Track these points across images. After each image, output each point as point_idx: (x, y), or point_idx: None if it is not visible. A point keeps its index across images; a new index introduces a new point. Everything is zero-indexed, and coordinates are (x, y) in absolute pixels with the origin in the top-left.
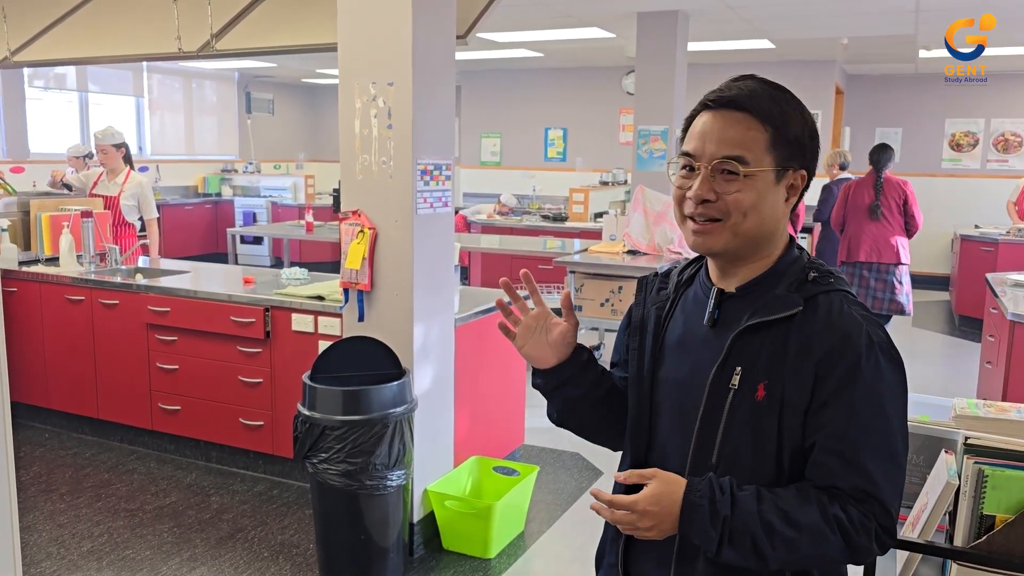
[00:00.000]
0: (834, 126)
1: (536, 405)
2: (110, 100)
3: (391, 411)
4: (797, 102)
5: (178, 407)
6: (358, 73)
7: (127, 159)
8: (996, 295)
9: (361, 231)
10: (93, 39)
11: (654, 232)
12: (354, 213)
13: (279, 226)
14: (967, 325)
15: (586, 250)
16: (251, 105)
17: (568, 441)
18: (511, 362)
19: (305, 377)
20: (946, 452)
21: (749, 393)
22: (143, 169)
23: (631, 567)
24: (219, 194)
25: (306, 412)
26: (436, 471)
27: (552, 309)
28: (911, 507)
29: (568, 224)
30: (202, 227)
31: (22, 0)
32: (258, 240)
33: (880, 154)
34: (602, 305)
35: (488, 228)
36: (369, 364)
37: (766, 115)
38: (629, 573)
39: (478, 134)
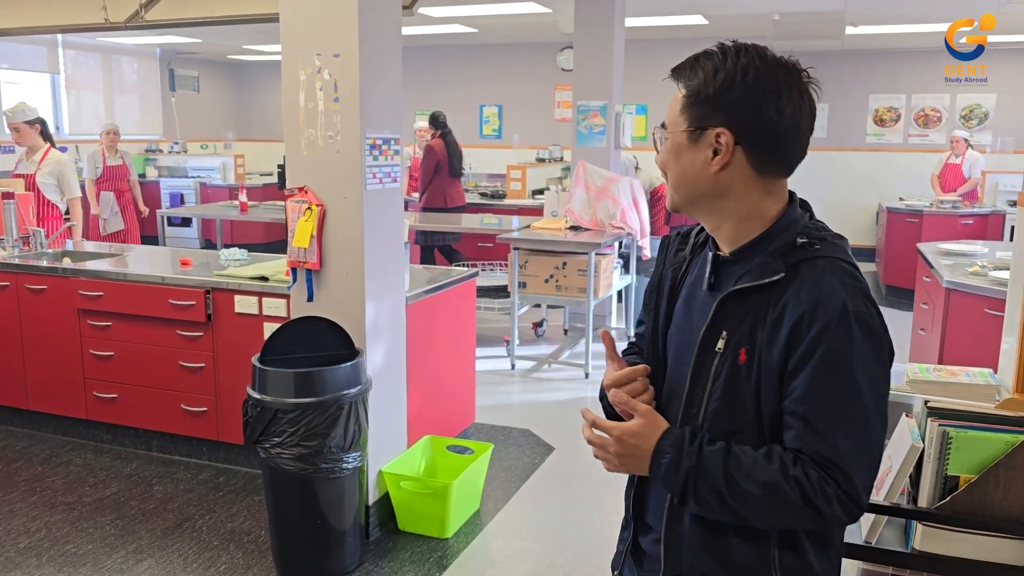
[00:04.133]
0: None
1: (485, 383)
2: (23, 77)
3: (345, 392)
4: (720, 59)
5: (115, 395)
6: (302, 45)
7: (45, 136)
8: (930, 264)
9: (308, 208)
10: (14, 9)
11: (596, 207)
12: (300, 190)
13: (211, 207)
14: (895, 295)
15: (528, 227)
16: (175, 83)
17: (518, 418)
18: (461, 341)
19: (255, 360)
20: (907, 416)
21: (732, 357)
22: (62, 149)
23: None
24: (143, 175)
25: (256, 396)
26: (390, 452)
27: (493, 287)
28: None
29: (507, 201)
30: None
31: None
32: (187, 222)
33: None
34: (546, 281)
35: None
36: (321, 345)
37: (682, 78)
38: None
39: (412, 111)
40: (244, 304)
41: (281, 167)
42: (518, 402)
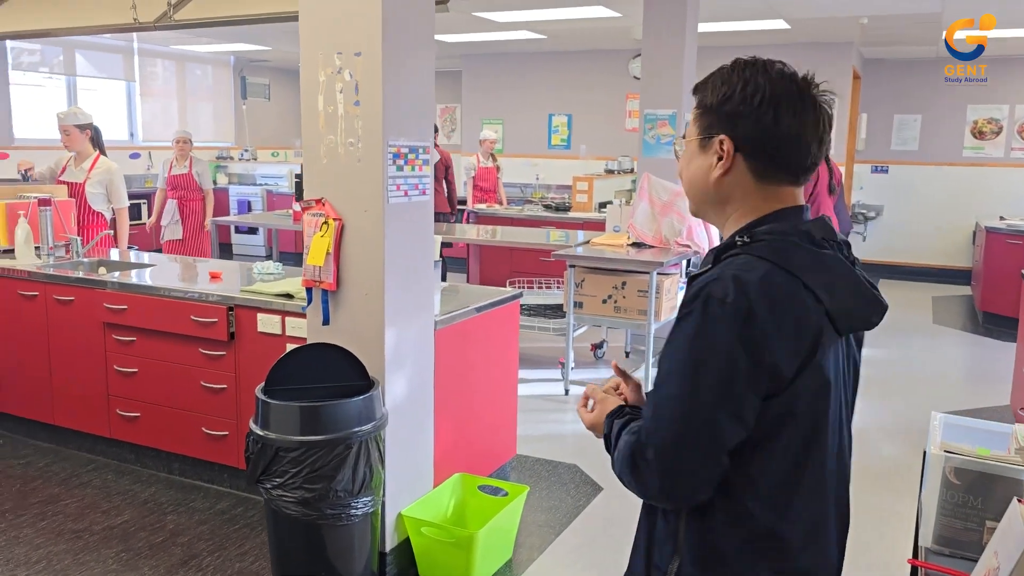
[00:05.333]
0: (851, 112)
1: (534, 410)
2: (100, 84)
3: (355, 429)
4: (728, 73)
5: (137, 414)
6: (321, 42)
7: (96, 143)
8: None
9: (325, 222)
10: (45, 13)
11: (660, 223)
12: (317, 202)
13: (267, 215)
14: (992, 323)
15: (588, 242)
16: (246, 90)
17: (567, 451)
18: (502, 368)
19: (258, 390)
20: (1018, 500)
21: None
22: (135, 156)
23: None
24: (214, 182)
25: (258, 431)
26: (413, 492)
27: (548, 305)
28: (974, 560)
29: (571, 214)
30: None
31: None
32: (253, 230)
33: None
34: (604, 302)
35: (487, 219)
36: (332, 375)
37: (697, 92)
38: None
39: (479, 120)
40: (267, 323)
41: (298, 176)
42: (569, 432)
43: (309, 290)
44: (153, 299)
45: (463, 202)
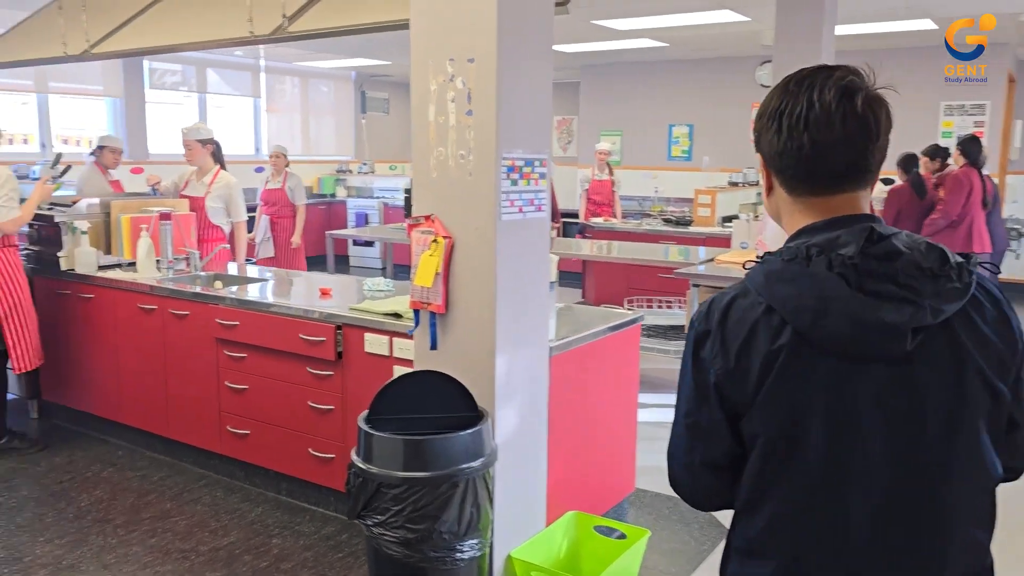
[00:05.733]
0: (1005, 119)
1: (653, 438)
2: (228, 101)
3: (463, 466)
4: (773, 90)
5: (247, 431)
6: (433, 48)
7: (217, 157)
8: None
9: (434, 240)
10: (167, 30)
11: None
12: (427, 219)
13: (382, 228)
14: None
15: (712, 260)
16: (366, 104)
17: None
18: (620, 397)
19: (361, 420)
20: None
21: None
22: (259, 169)
23: None
24: (333, 195)
25: (360, 463)
26: (523, 532)
27: (669, 326)
28: None
29: (693, 229)
30: (315, 229)
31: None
32: (370, 243)
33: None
34: None
35: (603, 233)
36: (438, 404)
37: None
38: None
39: (597, 131)
40: (374, 343)
41: (408, 191)
42: None
43: (416, 312)
44: (263, 315)
45: (573, 215)
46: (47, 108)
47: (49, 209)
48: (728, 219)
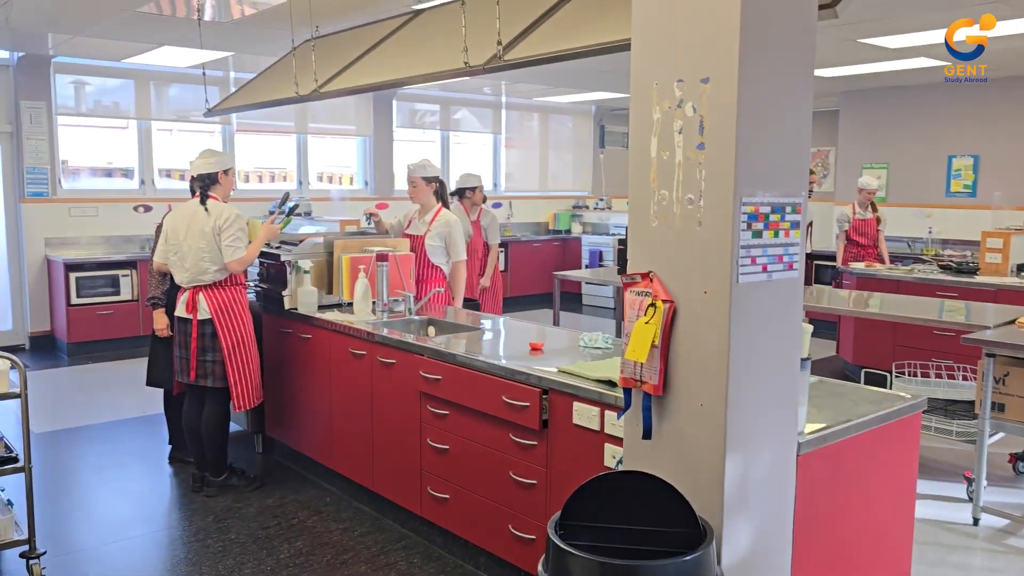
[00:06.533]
0: None
1: (927, 543)
2: (470, 138)
3: None
4: None
5: (447, 495)
6: (657, 68)
7: (440, 196)
8: None
9: (652, 304)
10: (387, 67)
11: None
12: (643, 277)
13: (610, 271)
14: None
15: (1014, 322)
16: (604, 139)
17: None
18: (892, 499)
19: (551, 526)
20: None
21: None
22: (496, 206)
23: None
24: (568, 231)
25: None
26: None
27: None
28: None
29: (979, 279)
30: (548, 265)
31: (329, 45)
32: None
33: None
34: None
35: (865, 281)
36: (650, 514)
37: None
38: None
39: (859, 165)
40: (583, 414)
41: (622, 243)
42: None
43: (627, 391)
44: (465, 371)
45: (829, 257)
46: (305, 147)
47: (278, 247)
48: None
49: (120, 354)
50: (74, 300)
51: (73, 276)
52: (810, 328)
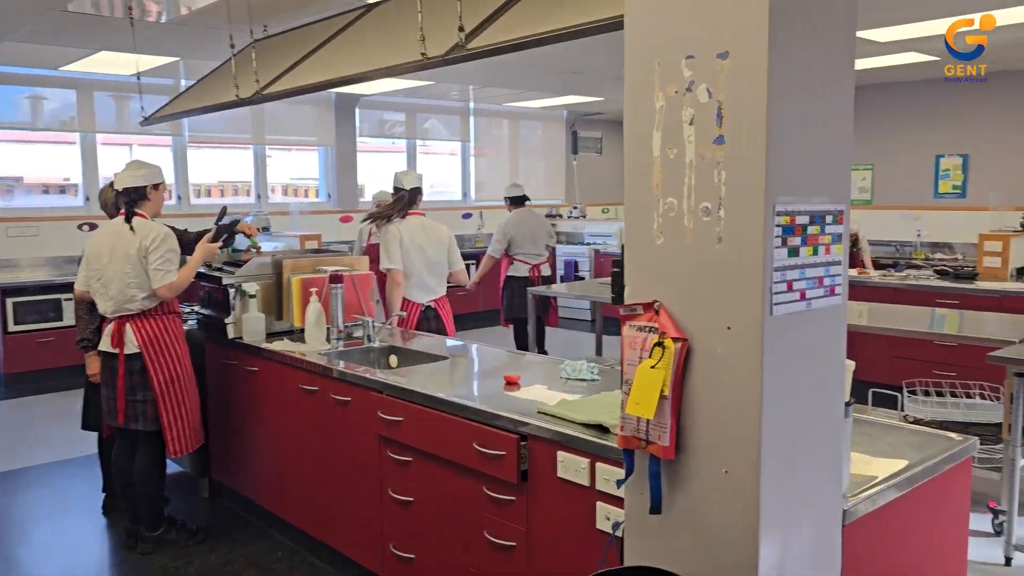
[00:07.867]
0: None
1: None
2: (439, 147)
3: None
4: None
5: (412, 555)
6: (659, 43)
7: (403, 207)
8: None
9: (659, 343)
10: (334, 66)
11: None
12: (647, 308)
13: (590, 284)
14: None
15: None
16: (577, 145)
17: None
18: (945, 553)
19: None
20: None
21: None
22: (467, 216)
23: None
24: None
25: None
26: None
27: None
28: None
29: (979, 284)
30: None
31: (275, 45)
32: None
33: None
34: None
35: (860, 290)
36: None
37: None
38: None
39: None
40: (570, 466)
41: (617, 264)
42: None
43: (628, 453)
44: (430, 412)
45: None
46: (263, 159)
47: (218, 269)
48: None
49: (61, 384)
50: (11, 328)
51: (10, 301)
52: (852, 365)
